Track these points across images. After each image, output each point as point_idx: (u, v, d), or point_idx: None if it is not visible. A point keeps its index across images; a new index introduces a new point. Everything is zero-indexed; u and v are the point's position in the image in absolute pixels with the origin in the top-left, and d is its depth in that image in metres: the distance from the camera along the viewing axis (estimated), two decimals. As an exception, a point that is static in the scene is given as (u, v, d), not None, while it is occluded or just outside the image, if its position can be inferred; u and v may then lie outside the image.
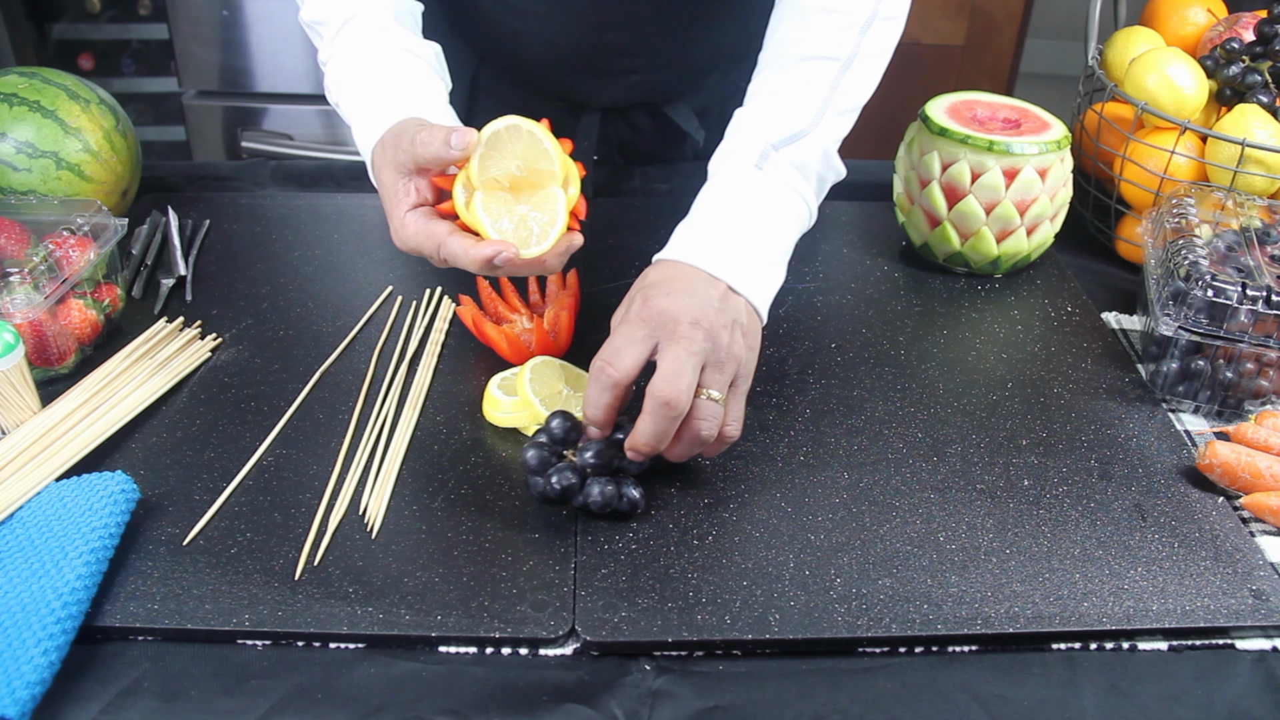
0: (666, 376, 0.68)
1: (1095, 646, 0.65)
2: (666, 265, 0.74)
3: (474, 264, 0.69)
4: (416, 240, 0.71)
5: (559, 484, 0.70)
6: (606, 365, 0.69)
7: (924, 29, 2.40)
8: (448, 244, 0.70)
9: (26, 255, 0.84)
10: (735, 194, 0.77)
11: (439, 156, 0.70)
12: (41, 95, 0.97)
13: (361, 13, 0.81)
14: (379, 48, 0.80)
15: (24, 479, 0.71)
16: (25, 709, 0.57)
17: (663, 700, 0.61)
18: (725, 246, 0.74)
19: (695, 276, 0.72)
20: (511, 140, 0.71)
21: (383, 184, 0.74)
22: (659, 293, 0.71)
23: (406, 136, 0.71)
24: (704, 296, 0.71)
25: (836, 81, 0.79)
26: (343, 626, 0.63)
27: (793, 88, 0.79)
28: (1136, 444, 0.81)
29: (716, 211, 0.76)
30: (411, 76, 0.79)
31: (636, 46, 1.04)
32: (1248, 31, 1.04)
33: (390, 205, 0.73)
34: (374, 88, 0.79)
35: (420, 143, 0.70)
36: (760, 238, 0.76)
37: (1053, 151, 0.95)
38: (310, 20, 0.84)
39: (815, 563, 0.69)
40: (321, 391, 0.84)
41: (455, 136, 0.69)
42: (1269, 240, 0.87)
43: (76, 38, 2.54)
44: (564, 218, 0.72)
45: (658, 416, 0.68)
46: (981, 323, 0.95)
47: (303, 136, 2.19)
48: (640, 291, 0.72)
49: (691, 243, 0.75)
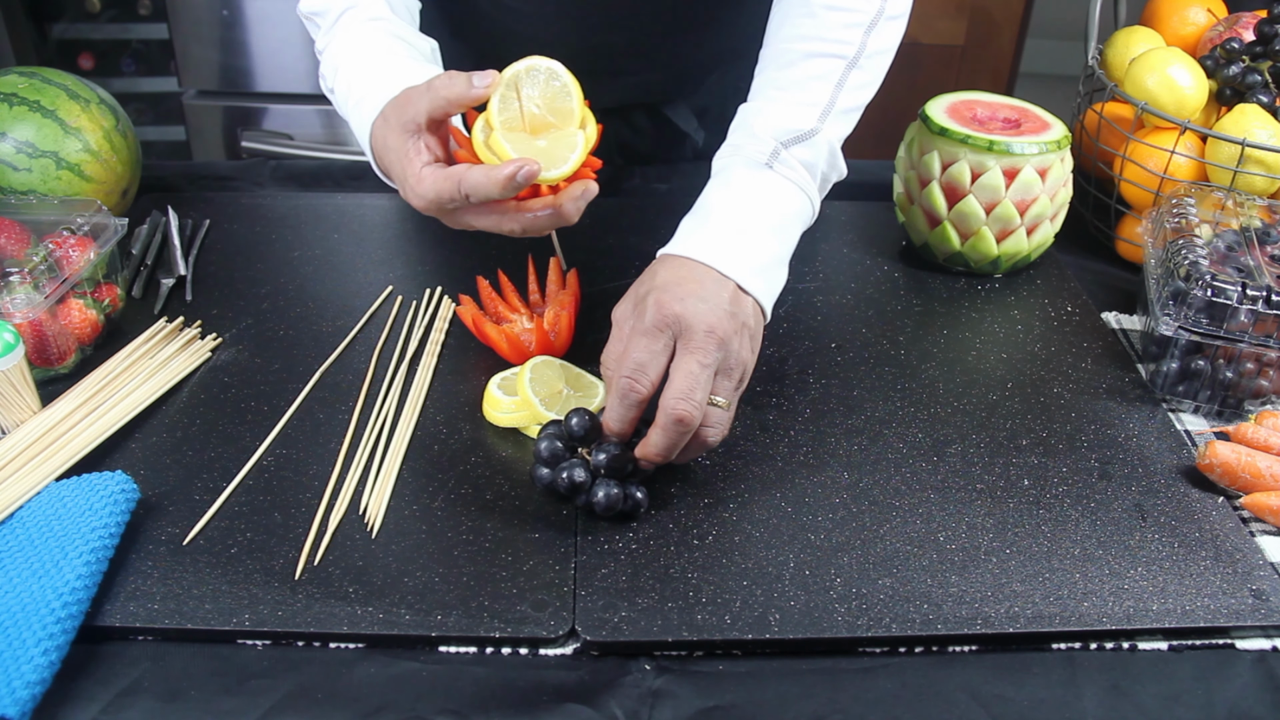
0: (682, 392, 0.68)
1: (1095, 646, 0.65)
2: (676, 263, 0.73)
3: (497, 185, 0.67)
4: (435, 188, 0.70)
5: (568, 479, 0.70)
6: (633, 382, 0.69)
7: (924, 29, 2.40)
8: (469, 177, 0.68)
9: (26, 255, 0.84)
10: (745, 192, 0.76)
11: (461, 96, 0.69)
12: (41, 95, 0.97)
13: (359, 3, 0.82)
14: (375, 33, 0.81)
15: (24, 479, 0.71)
16: (25, 709, 0.57)
17: (663, 700, 0.61)
18: (735, 245, 0.74)
19: (706, 276, 0.72)
20: (530, 81, 0.72)
21: (390, 148, 0.73)
22: (672, 297, 0.70)
23: (416, 91, 0.71)
24: (716, 300, 0.70)
25: (843, 79, 0.79)
26: (343, 626, 0.63)
27: (800, 84, 0.79)
28: (1136, 444, 0.81)
29: (726, 209, 0.76)
30: (407, 60, 0.79)
31: (635, 48, 1.04)
32: (1248, 31, 1.04)
33: (403, 165, 0.72)
34: (369, 71, 0.78)
35: (440, 85, 0.70)
36: (769, 236, 0.76)
37: (1053, 151, 0.95)
38: (308, 11, 0.85)
39: (815, 563, 0.69)
40: (321, 391, 0.84)
41: (477, 77, 0.69)
42: (1269, 240, 0.87)
43: (76, 38, 2.54)
44: (583, 148, 0.71)
45: (671, 432, 0.68)
46: (981, 323, 0.95)
47: (303, 136, 2.19)
48: (652, 294, 0.71)
49: (701, 240, 0.74)
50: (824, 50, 0.79)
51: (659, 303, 0.70)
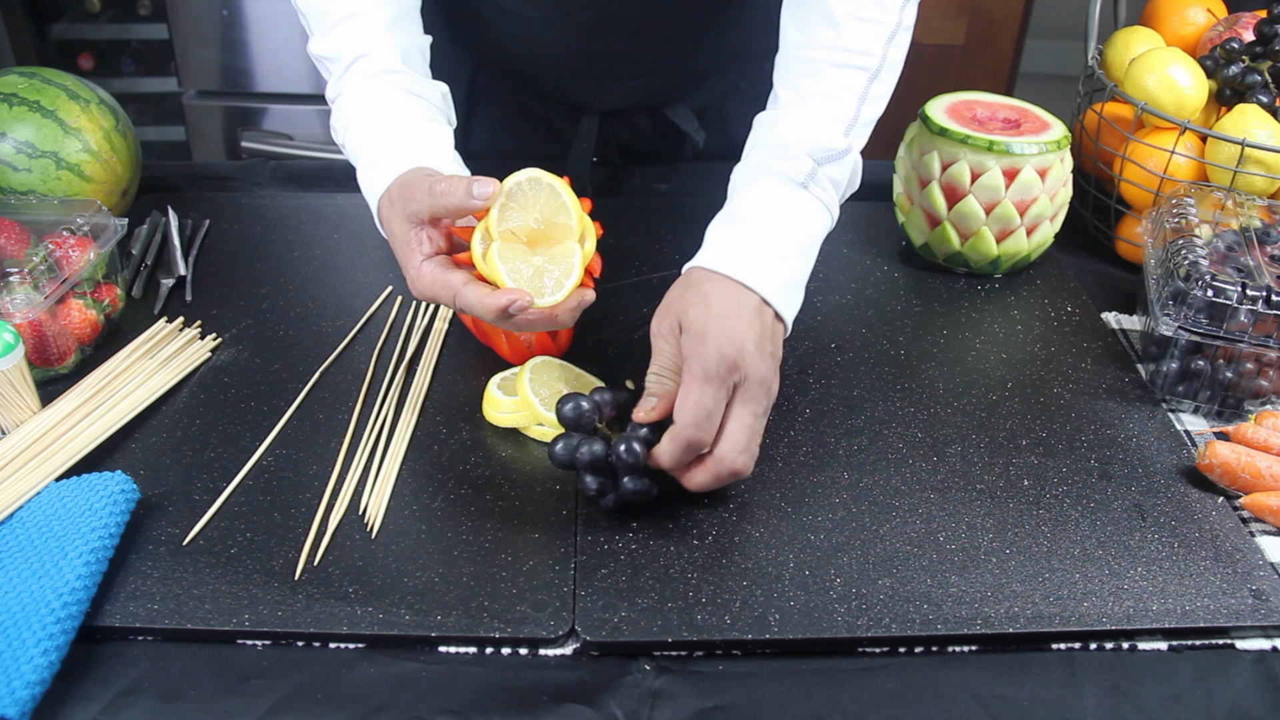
0: (741, 446, 0.69)
1: (1095, 646, 0.65)
2: (726, 289, 0.72)
3: (489, 313, 0.69)
4: (433, 290, 0.71)
5: (589, 453, 0.70)
6: (701, 435, 0.69)
7: (924, 29, 2.38)
8: (463, 294, 0.70)
9: (26, 255, 0.84)
10: (782, 211, 0.76)
11: (460, 206, 0.70)
12: (41, 95, 0.97)
13: (371, 51, 0.81)
14: (386, 90, 0.80)
15: (24, 479, 0.71)
16: (25, 709, 0.57)
17: (663, 700, 0.61)
18: (777, 271, 0.74)
19: (751, 305, 0.72)
20: (532, 193, 0.72)
21: (394, 234, 0.74)
22: (730, 343, 0.69)
23: (419, 187, 0.71)
24: (761, 336, 0.71)
25: (866, 92, 0.79)
26: (343, 626, 0.63)
27: (828, 96, 0.79)
28: (1136, 444, 0.81)
29: (766, 228, 0.75)
30: (417, 122, 0.79)
31: (637, 52, 1.04)
32: (1248, 31, 1.04)
33: (404, 255, 0.73)
34: (379, 134, 0.78)
35: (441, 193, 0.70)
36: (797, 257, 0.76)
37: (1053, 151, 0.95)
38: (320, 55, 0.84)
39: (815, 563, 0.69)
40: (321, 391, 0.84)
41: (477, 186, 0.70)
42: (1269, 240, 0.87)
43: (76, 38, 2.55)
44: (579, 271, 0.72)
45: (716, 476, 0.70)
46: (981, 323, 0.95)
47: (303, 136, 2.19)
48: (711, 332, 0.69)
49: (749, 263, 0.73)
50: (849, 61, 0.79)
51: (721, 350, 0.69)
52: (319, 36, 0.83)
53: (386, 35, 0.82)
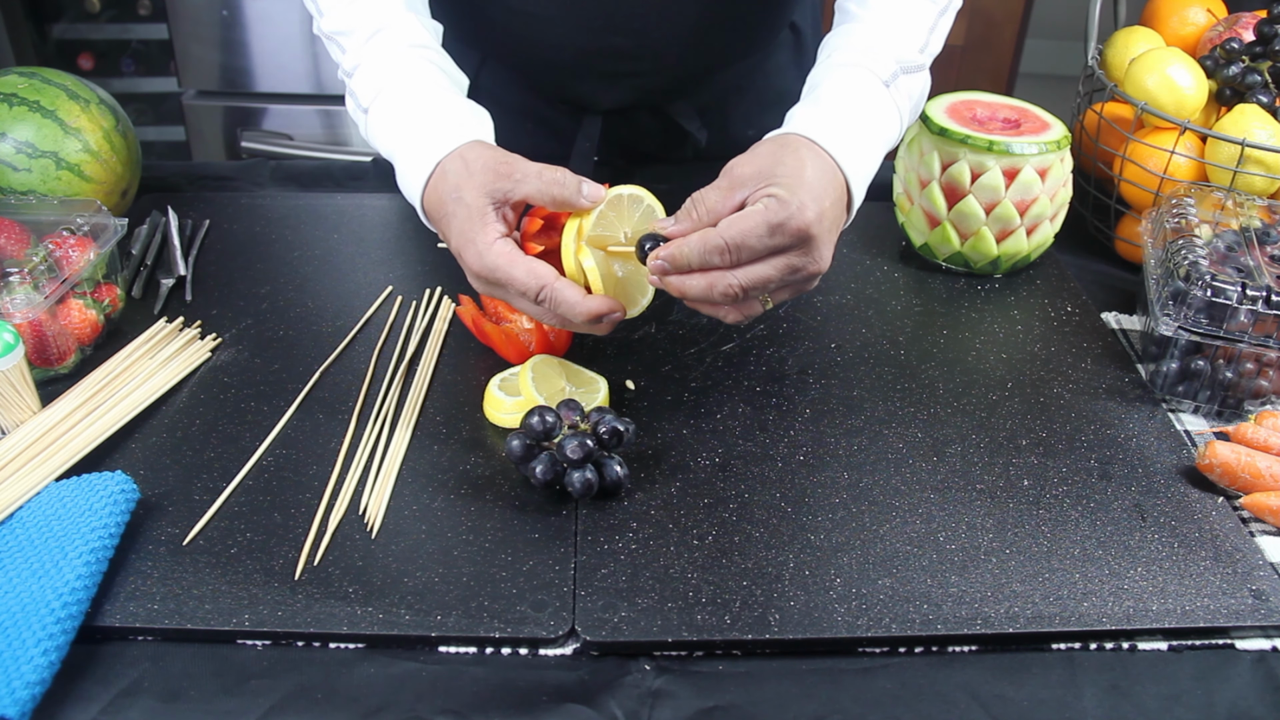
0: (744, 282, 0.69)
1: (1095, 646, 0.65)
2: (824, 163, 0.72)
3: (580, 315, 0.70)
4: (509, 270, 0.71)
5: (543, 475, 0.71)
6: (727, 259, 0.69)
7: (924, 29, 2.39)
8: (556, 288, 0.70)
9: (26, 255, 0.84)
10: (869, 104, 0.77)
11: (568, 200, 0.72)
12: (41, 95, 0.97)
13: (391, 25, 0.81)
14: (422, 63, 0.80)
15: (24, 479, 0.71)
16: (25, 709, 0.57)
17: (663, 700, 0.61)
18: (864, 156, 0.75)
19: (838, 188, 0.72)
20: (630, 208, 0.75)
21: (464, 201, 0.73)
22: (818, 220, 0.69)
23: (522, 168, 0.72)
24: (834, 223, 0.72)
25: (935, 23, 0.82)
26: (343, 626, 0.63)
27: (903, 19, 0.81)
28: (1136, 444, 0.81)
29: (858, 115, 0.76)
30: (464, 106, 0.80)
31: (641, 51, 1.04)
32: (1248, 31, 1.04)
33: (473, 226, 0.73)
34: (434, 100, 0.78)
35: (551, 181, 0.72)
36: (877, 153, 0.77)
37: (1052, 151, 0.95)
38: (331, 31, 0.84)
39: (815, 563, 0.69)
40: (321, 391, 0.84)
41: (587, 186, 0.72)
42: (1269, 240, 0.87)
43: (76, 38, 2.55)
44: (652, 291, 0.76)
45: (709, 285, 0.69)
46: (981, 323, 0.95)
47: (303, 136, 2.19)
48: (799, 198, 0.69)
49: (847, 145, 0.74)
50: None
51: (803, 215, 0.68)
52: (330, 14, 0.83)
53: (405, 12, 0.82)
